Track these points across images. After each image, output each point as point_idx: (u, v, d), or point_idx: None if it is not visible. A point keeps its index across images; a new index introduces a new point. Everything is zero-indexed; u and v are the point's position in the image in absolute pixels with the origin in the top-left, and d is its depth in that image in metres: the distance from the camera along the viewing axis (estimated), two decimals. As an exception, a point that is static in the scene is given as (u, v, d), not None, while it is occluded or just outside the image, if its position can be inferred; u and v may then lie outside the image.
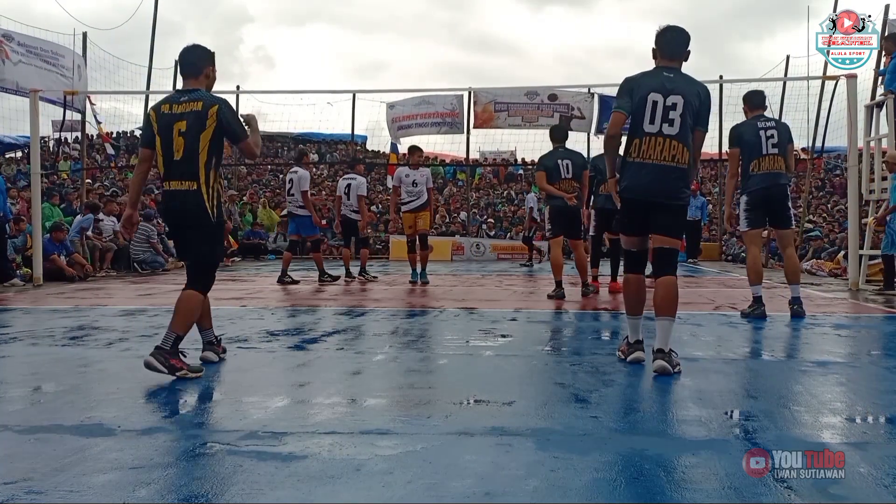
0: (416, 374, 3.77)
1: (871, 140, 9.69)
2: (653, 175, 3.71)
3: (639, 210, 3.82)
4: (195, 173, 3.63)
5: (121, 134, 27.59)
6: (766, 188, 5.77)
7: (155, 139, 3.71)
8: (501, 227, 20.90)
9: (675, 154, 3.70)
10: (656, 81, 3.74)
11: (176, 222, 3.82)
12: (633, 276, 3.98)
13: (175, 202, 3.71)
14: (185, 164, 3.64)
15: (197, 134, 3.61)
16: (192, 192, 3.64)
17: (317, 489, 2.09)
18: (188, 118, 3.61)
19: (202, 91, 3.74)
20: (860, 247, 9.18)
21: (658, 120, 3.69)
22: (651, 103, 3.69)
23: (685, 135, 3.71)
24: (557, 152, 7.62)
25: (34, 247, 9.92)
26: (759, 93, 6.21)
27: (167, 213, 3.89)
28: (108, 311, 6.71)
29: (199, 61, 3.80)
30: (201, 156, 3.63)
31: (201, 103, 3.63)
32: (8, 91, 12.61)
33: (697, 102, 3.76)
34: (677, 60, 3.82)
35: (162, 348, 3.56)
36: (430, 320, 6.06)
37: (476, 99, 17.34)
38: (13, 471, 2.22)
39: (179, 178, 3.66)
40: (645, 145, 3.72)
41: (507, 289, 9.07)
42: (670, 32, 3.82)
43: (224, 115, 3.65)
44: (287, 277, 9.56)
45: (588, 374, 3.67)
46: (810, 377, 3.76)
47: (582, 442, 2.53)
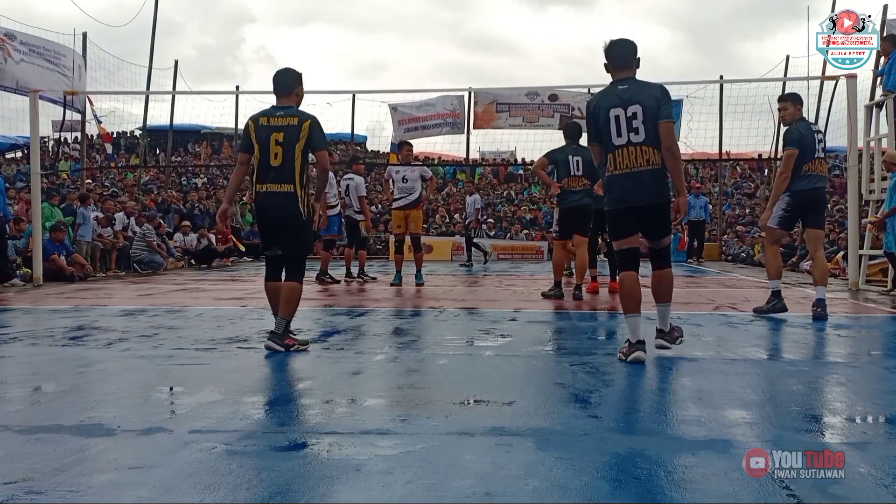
0: (415, 374, 3.77)
1: (871, 140, 9.69)
2: (632, 181, 3.97)
3: (627, 216, 4.08)
4: (291, 178, 4.22)
5: (121, 134, 27.64)
6: (815, 190, 5.93)
7: (253, 146, 4.29)
8: (501, 227, 20.91)
9: (648, 158, 3.95)
10: (613, 98, 4.01)
11: (271, 221, 4.37)
12: (626, 274, 4.13)
13: (272, 202, 4.27)
14: (282, 169, 4.22)
15: (293, 145, 4.22)
16: (288, 193, 4.23)
17: (316, 489, 2.09)
18: (285, 131, 4.23)
19: (295, 108, 4.37)
20: (860, 247, 9.18)
21: (624, 132, 3.96)
22: (614, 118, 3.97)
23: (652, 139, 3.95)
24: (569, 148, 7.53)
25: (34, 247, 9.93)
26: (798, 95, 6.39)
27: (264, 212, 4.38)
28: (108, 311, 6.72)
29: (291, 82, 4.40)
30: (297, 163, 4.23)
31: (297, 118, 4.27)
32: (8, 90, 12.62)
33: (655, 104, 3.96)
34: (628, 69, 4.07)
35: (276, 333, 4.29)
36: (430, 320, 6.07)
37: (476, 99, 17.34)
38: (13, 471, 2.22)
39: (277, 182, 4.23)
40: (619, 157, 3.99)
41: (507, 289, 9.07)
42: (617, 45, 4.09)
43: (314, 129, 4.27)
44: (327, 277, 9.61)
45: (588, 374, 3.67)
46: (810, 377, 3.76)
47: (582, 442, 2.53)
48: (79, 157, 18.27)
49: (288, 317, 4.31)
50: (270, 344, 4.26)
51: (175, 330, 5.35)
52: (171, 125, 20.05)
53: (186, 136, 29.86)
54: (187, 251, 14.59)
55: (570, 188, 7.40)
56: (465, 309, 6.66)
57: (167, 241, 13.90)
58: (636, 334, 3.99)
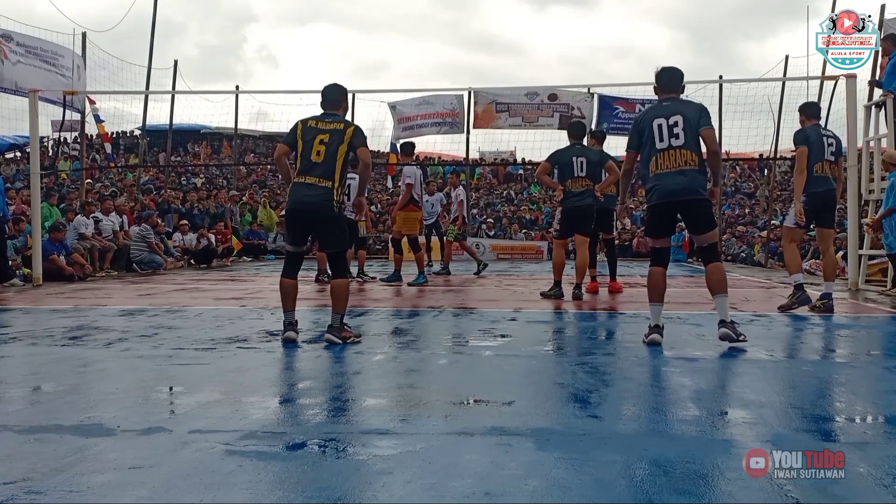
0: (415, 374, 3.77)
1: (871, 140, 9.69)
2: (671, 179, 4.42)
3: (667, 214, 4.55)
4: (331, 175, 4.53)
5: (120, 134, 27.63)
6: (827, 191, 6.22)
7: (297, 143, 4.60)
8: (501, 227, 20.91)
9: (686, 159, 4.44)
10: (657, 111, 4.58)
11: (306, 212, 4.60)
12: (656, 269, 4.62)
13: (310, 192, 4.52)
14: (323, 166, 4.52)
15: (337, 146, 4.54)
16: (326, 188, 4.51)
17: (316, 489, 2.09)
18: (331, 133, 4.57)
19: (342, 116, 4.75)
20: (859, 247, 9.17)
21: (666, 137, 4.46)
22: (657, 127, 4.48)
23: (691, 143, 4.45)
24: (574, 149, 7.48)
25: (34, 247, 9.92)
26: (815, 104, 6.89)
27: (300, 202, 4.59)
28: (108, 311, 6.71)
29: (339, 96, 4.81)
30: (338, 163, 4.54)
31: (342, 125, 4.64)
32: (7, 91, 12.60)
33: (696, 115, 4.50)
34: (674, 92, 4.66)
35: (333, 326, 4.58)
36: (430, 320, 6.06)
37: (476, 99, 17.33)
38: (13, 471, 2.22)
39: (316, 176, 4.53)
40: (661, 159, 4.47)
41: (507, 289, 9.07)
42: (667, 73, 4.69)
43: (357, 132, 4.63)
44: (325, 276, 9.64)
45: (588, 374, 3.67)
46: (810, 377, 3.76)
47: (582, 442, 2.53)
48: (78, 156, 18.26)
49: (341, 310, 4.60)
50: (330, 337, 4.54)
51: (175, 330, 5.34)
52: (171, 125, 20.04)
53: (186, 136, 29.86)
54: (187, 251, 14.59)
55: (573, 189, 7.38)
56: (465, 309, 6.65)
57: (166, 240, 13.89)
58: (656, 319, 4.50)
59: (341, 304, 4.59)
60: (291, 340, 4.56)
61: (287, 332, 4.61)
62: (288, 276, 4.72)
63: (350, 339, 4.57)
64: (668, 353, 4.25)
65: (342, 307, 4.60)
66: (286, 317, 4.65)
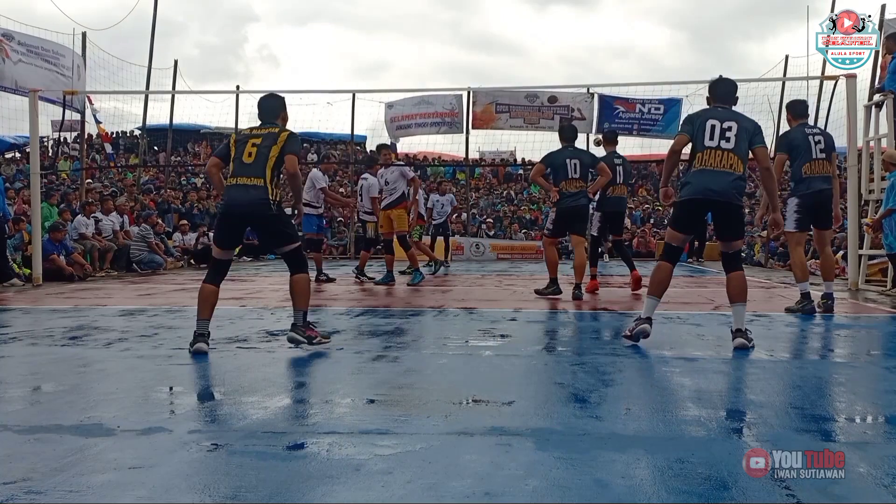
0: (415, 374, 3.77)
1: (871, 140, 9.69)
2: (711, 177, 4.30)
3: (698, 211, 4.44)
4: (262, 173, 4.31)
5: (120, 134, 27.62)
6: (820, 191, 6.14)
7: (230, 154, 4.46)
8: (501, 227, 20.91)
9: (731, 163, 4.30)
10: (713, 112, 4.48)
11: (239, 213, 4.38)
12: (664, 263, 4.55)
13: (240, 193, 4.32)
14: (253, 166, 4.33)
15: (269, 147, 4.35)
16: (258, 186, 4.29)
17: (316, 489, 2.09)
18: (263, 137, 4.41)
19: (279, 124, 4.57)
20: (859, 247, 9.17)
21: (717, 137, 4.34)
22: (710, 126, 4.37)
23: (740, 149, 4.33)
24: (566, 151, 7.55)
25: (34, 247, 9.92)
26: (801, 102, 6.67)
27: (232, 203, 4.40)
28: (108, 311, 6.71)
29: (276, 106, 4.64)
30: (269, 162, 4.32)
31: (277, 129, 4.48)
32: (7, 90, 12.61)
33: (752, 127, 4.44)
34: (728, 103, 4.56)
35: (297, 325, 4.38)
36: (430, 320, 6.06)
37: (475, 99, 17.33)
38: (12, 471, 2.22)
39: (247, 175, 4.33)
40: (706, 156, 4.34)
41: (507, 289, 9.07)
42: (722, 84, 4.61)
43: (290, 137, 4.43)
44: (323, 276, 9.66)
45: (588, 374, 3.67)
46: (810, 377, 3.76)
47: (582, 442, 2.52)
48: (78, 156, 18.25)
49: (304, 307, 4.41)
50: (293, 336, 4.35)
51: (175, 330, 5.34)
52: (171, 125, 20.05)
53: (186, 135, 29.84)
54: (186, 251, 14.59)
55: (567, 190, 7.44)
56: (465, 309, 6.65)
57: (166, 240, 13.89)
58: (648, 312, 4.41)
59: (303, 301, 4.42)
60: (202, 353, 4.20)
61: (197, 344, 4.24)
62: (211, 281, 4.43)
63: (317, 339, 4.36)
64: (669, 353, 4.25)
65: (304, 304, 4.42)
66: (198, 326, 4.30)
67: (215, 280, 4.45)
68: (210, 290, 4.40)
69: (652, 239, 19.44)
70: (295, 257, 4.47)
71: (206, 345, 4.27)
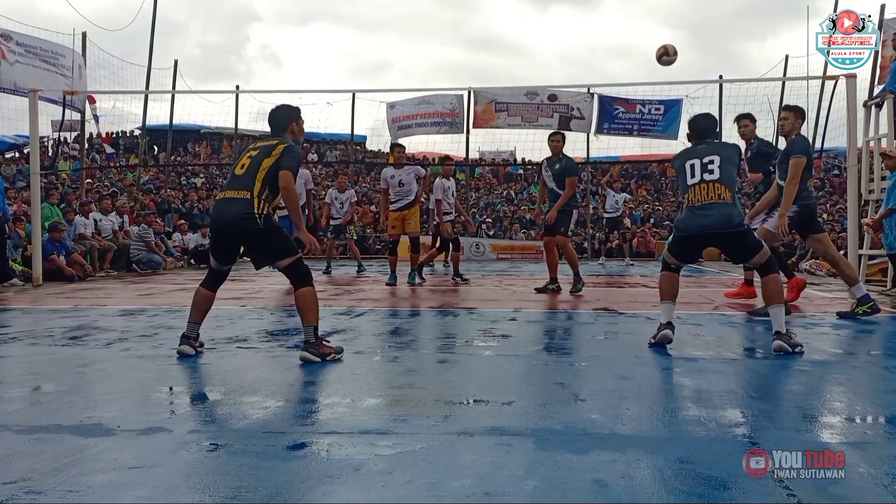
0: (415, 374, 3.76)
1: (871, 140, 9.69)
2: (702, 212, 4.41)
3: (691, 243, 4.57)
4: (249, 186, 4.09)
5: (120, 134, 27.63)
6: (814, 202, 6.27)
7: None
8: (501, 227, 20.91)
9: (719, 193, 4.41)
10: (691, 153, 4.63)
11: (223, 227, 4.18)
12: (668, 273, 4.67)
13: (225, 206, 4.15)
14: (243, 177, 4.13)
15: (262, 159, 4.13)
16: (243, 199, 4.07)
17: (316, 489, 2.09)
18: (260, 149, 4.21)
19: (286, 138, 4.31)
20: (860, 247, 9.17)
21: (698, 173, 4.49)
22: (689, 167, 4.54)
23: (725, 179, 4.44)
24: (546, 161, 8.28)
25: (34, 246, 9.91)
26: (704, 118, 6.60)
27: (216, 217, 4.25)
28: (108, 311, 6.71)
29: (282, 119, 4.39)
30: (259, 174, 4.10)
31: (276, 140, 4.25)
32: (6, 91, 12.60)
33: (734, 154, 4.59)
34: (709, 138, 4.71)
35: (309, 342, 4.06)
36: (430, 320, 6.06)
37: (476, 99, 17.34)
38: (12, 471, 2.22)
39: (235, 189, 4.14)
40: (692, 194, 4.49)
41: (507, 289, 9.06)
42: (701, 121, 4.77)
43: (287, 150, 4.16)
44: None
45: (588, 374, 3.67)
46: (810, 377, 3.76)
47: (582, 442, 2.53)
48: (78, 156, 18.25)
49: (313, 322, 4.08)
50: (306, 355, 4.00)
51: (175, 330, 5.33)
52: (171, 125, 20.05)
53: (186, 135, 29.86)
54: (186, 251, 14.58)
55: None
56: (465, 309, 6.65)
57: (166, 240, 13.88)
58: (667, 316, 4.49)
59: (312, 316, 4.08)
60: (187, 355, 4.16)
61: (182, 346, 4.20)
62: (207, 287, 4.30)
63: (330, 355, 4.05)
64: (669, 353, 4.25)
65: (313, 318, 4.08)
66: (187, 328, 4.23)
67: (212, 286, 4.31)
68: (205, 295, 4.28)
69: (652, 239, 19.45)
70: (294, 271, 4.17)
71: (190, 347, 4.20)
